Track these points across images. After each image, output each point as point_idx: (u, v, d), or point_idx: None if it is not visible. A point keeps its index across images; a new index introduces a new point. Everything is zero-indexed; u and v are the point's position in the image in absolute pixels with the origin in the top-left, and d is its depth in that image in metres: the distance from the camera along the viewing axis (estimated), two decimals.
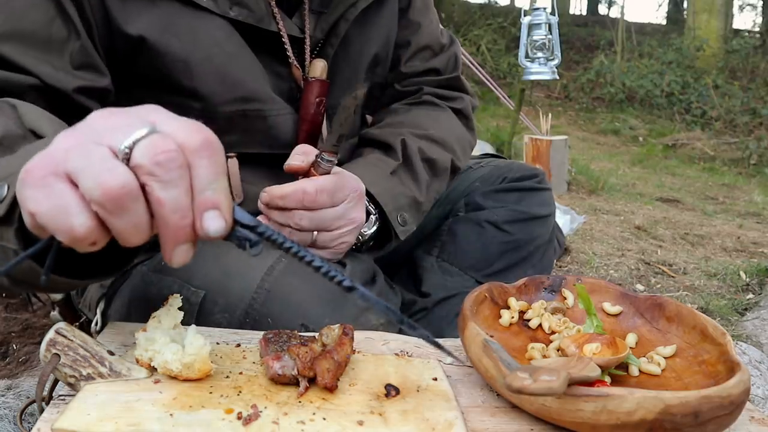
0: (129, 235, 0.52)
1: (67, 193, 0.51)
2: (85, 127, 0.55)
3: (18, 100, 0.79)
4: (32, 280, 0.64)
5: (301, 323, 0.86)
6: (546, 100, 9.46)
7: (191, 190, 0.53)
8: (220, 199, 0.53)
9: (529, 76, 3.39)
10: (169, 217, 0.52)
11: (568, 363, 0.64)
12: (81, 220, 0.51)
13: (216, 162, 0.53)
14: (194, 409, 0.59)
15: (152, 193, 0.51)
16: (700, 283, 2.66)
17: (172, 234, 0.53)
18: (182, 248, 0.54)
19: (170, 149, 0.51)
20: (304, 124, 1.05)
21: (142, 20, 0.90)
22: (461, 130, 1.26)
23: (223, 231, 0.54)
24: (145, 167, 0.51)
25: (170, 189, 0.51)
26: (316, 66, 1.05)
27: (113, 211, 0.51)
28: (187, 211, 0.52)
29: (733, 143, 7.78)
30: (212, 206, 0.53)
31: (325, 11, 1.06)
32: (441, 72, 1.27)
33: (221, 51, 0.95)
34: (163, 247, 0.54)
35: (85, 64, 0.88)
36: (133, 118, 0.53)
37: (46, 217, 0.51)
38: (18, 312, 1.82)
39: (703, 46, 10.28)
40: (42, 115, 0.78)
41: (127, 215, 0.51)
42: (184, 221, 0.52)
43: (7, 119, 0.75)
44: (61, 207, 0.51)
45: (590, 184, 4.72)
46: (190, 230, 0.53)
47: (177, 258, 0.54)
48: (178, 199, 0.52)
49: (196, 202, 0.53)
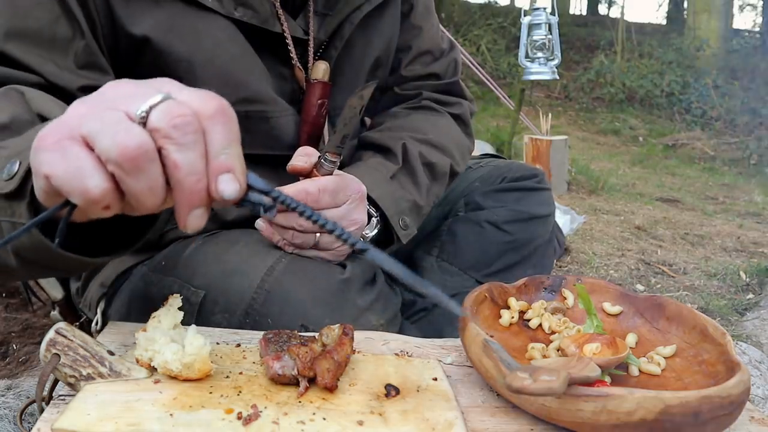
0: (144, 198, 0.53)
1: (82, 155, 0.51)
2: (98, 96, 0.55)
3: (25, 87, 0.79)
4: (42, 259, 0.65)
5: (301, 323, 0.86)
6: (546, 100, 9.45)
7: (206, 155, 0.53)
8: (234, 163, 0.54)
9: (529, 76, 3.39)
10: (185, 180, 0.53)
11: (568, 363, 0.64)
12: (96, 181, 0.51)
13: (230, 128, 0.55)
14: (194, 409, 0.59)
15: (168, 156, 0.52)
16: (700, 283, 2.66)
17: (187, 198, 0.53)
18: (197, 212, 0.55)
19: (186, 113, 0.52)
20: (305, 125, 1.05)
21: (147, 20, 0.90)
22: (460, 135, 1.26)
23: (237, 194, 0.54)
24: (161, 130, 0.51)
25: (186, 152, 0.52)
26: (319, 68, 1.05)
27: (130, 171, 0.51)
28: (202, 175, 0.53)
29: (733, 143, 7.78)
30: (227, 170, 0.54)
31: (330, 13, 1.06)
32: (441, 77, 1.27)
33: (225, 52, 0.95)
34: (178, 212, 0.55)
35: (89, 64, 0.88)
36: (146, 87, 0.54)
37: (61, 180, 0.52)
38: (18, 312, 1.82)
39: (703, 46, 10.27)
40: (49, 100, 0.79)
41: (143, 176, 0.52)
42: (200, 185, 0.53)
43: (15, 105, 0.76)
44: (77, 168, 0.51)
45: (590, 184, 4.72)
46: (204, 194, 0.54)
47: (192, 222, 0.55)
48: (193, 162, 0.52)
49: (210, 166, 0.53)
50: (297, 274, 0.89)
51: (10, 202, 0.62)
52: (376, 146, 1.15)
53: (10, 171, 0.62)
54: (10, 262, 0.68)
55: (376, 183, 1.03)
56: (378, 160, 1.10)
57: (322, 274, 0.91)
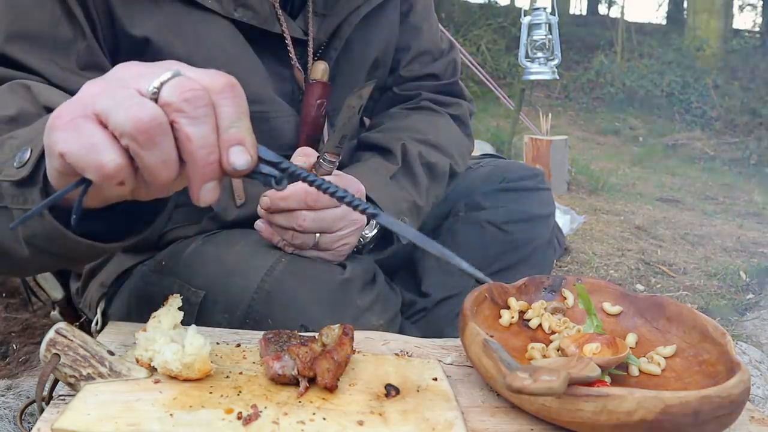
0: (158, 171, 0.53)
1: (96, 131, 0.53)
2: (110, 76, 0.57)
3: (31, 81, 0.80)
4: (54, 246, 0.65)
5: (301, 323, 0.86)
6: (546, 100, 9.45)
7: (216, 129, 0.54)
8: (244, 136, 0.55)
9: (529, 76, 3.39)
10: (197, 152, 0.53)
11: (568, 363, 0.64)
12: (111, 156, 0.52)
13: (239, 102, 0.56)
14: (194, 409, 0.59)
15: (181, 129, 0.53)
16: (700, 283, 2.66)
17: (200, 171, 0.54)
18: (209, 186, 0.56)
19: (197, 88, 0.53)
20: (305, 125, 1.05)
21: (146, 21, 0.90)
22: (459, 135, 1.26)
23: (248, 165, 0.55)
24: (173, 104, 0.53)
25: (198, 125, 0.53)
26: (318, 68, 1.05)
27: (144, 143, 0.52)
28: (214, 147, 0.54)
29: (733, 143, 7.78)
30: (237, 142, 0.55)
31: (329, 14, 1.07)
32: (440, 77, 1.27)
33: (224, 52, 0.95)
34: (191, 185, 0.56)
35: (90, 64, 0.89)
36: (156, 67, 0.56)
37: (75, 156, 0.53)
38: (18, 312, 1.82)
39: (703, 46, 10.27)
40: (56, 92, 0.79)
41: (157, 148, 0.52)
42: (212, 157, 0.54)
43: (22, 98, 0.77)
44: (91, 144, 0.52)
45: (590, 184, 4.72)
46: (217, 166, 0.55)
47: (204, 195, 0.56)
48: (205, 134, 0.54)
49: (221, 139, 0.55)
50: (297, 275, 0.89)
51: (23, 190, 0.63)
52: (376, 147, 1.15)
53: (21, 159, 0.63)
54: (22, 252, 0.68)
55: (375, 183, 1.03)
56: (377, 161, 1.10)
57: (322, 275, 0.91)
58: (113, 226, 0.69)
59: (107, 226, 0.68)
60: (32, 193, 0.63)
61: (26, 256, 0.69)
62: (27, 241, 0.66)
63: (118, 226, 0.70)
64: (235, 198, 1.03)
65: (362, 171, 1.05)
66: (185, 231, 1.02)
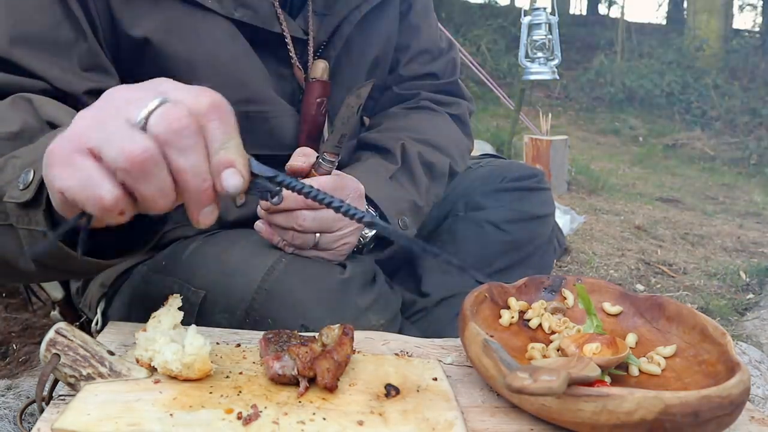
0: (155, 200, 0.55)
1: (91, 166, 0.54)
2: (100, 104, 0.57)
3: (33, 95, 0.80)
4: (61, 264, 0.67)
5: (301, 323, 0.86)
6: (546, 100, 9.45)
7: (207, 154, 0.55)
8: (234, 157, 0.56)
9: (529, 76, 3.39)
10: (191, 182, 0.55)
11: (568, 363, 0.64)
12: (108, 188, 0.53)
13: (226, 122, 0.56)
14: (194, 409, 0.59)
15: (173, 162, 0.54)
16: (700, 283, 2.66)
17: (195, 198, 0.55)
18: (207, 210, 0.57)
19: (182, 117, 0.54)
20: (305, 124, 1.05)
21: (147, 22, 0.90)
22: (459, 135, 1.26)
23: (240, 186, 0.56)
24: (161, 136, 0.53)
25: (188, 155, 0.54)
26: (318, 67, 1.05)
27: (138, 177, 0.53)
28: (206, 175, 0.55)
29: (733, 143, 7.78)
30: (228, 165, 0.56)
31: (329, 13, 1.07)
32: (439, 76, 1.27)
33: (225, 52, 0.95)
34: (189, 211, 0.57)
35: (93, 66, 0.89)
36: (143, 91, 0.56)
37: (74, 191, 0.54)
38: (18, 312, 1.82)
39: (703, 46, 10.27)
40: (58, 106, 0.79)
41: (152, 180, 0.53)
42: (205, 184, 0.55)
43: (24, 113, 0.77)
44: (88, 179, 0.53)
45: (590, 184, 4.72)
46: (211, 192, 0.56)
47: (203, 220, 0.57)
48: (196, 164, 0.54)
49: (212, 164, 0.55)
50: (297, 274, 0.89)
51: (27, 211, 0.65)
52: (375, 147, 1.15)
53: (25, 180, 0.64)
54: (29, 267, 0.70)
55: (375, 183, 1.03)
56: (377, 161, 1.10)
57: (322, 274, 0.91)
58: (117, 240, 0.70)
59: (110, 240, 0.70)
60: (36, 214, 0.64)
61: (32, 271, 0.71)
62: (33, 259, 0.68)
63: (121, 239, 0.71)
64: (235, 198, 1.03)
65: (361, 171, 1.05)
66: (185, 231, 1.02)
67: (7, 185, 0.66)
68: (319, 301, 0.88)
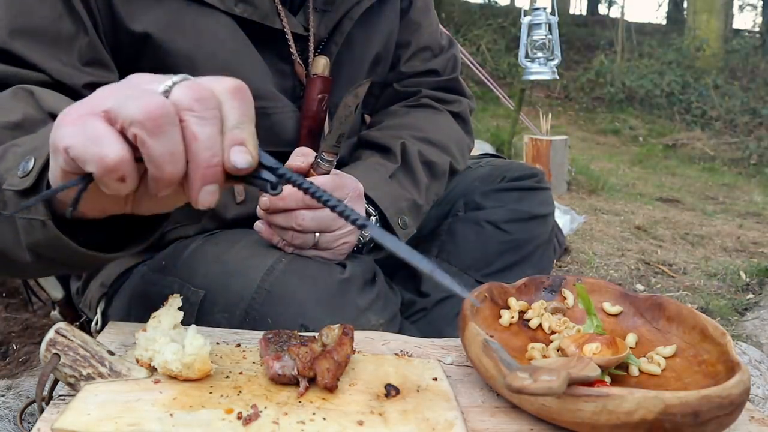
0: (164, 163, 0.53)
1: (102, 126, 0.53)
2: (122, 82, 0.57)
3: (35, 86, 0.80)
4: (57, 254, 0.66)
5: (301, 323, 0.86)
6: (546, 100, 9.45)
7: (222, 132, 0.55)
8: (247, 137, 0.56)
9: (529, 76, 3.39)
10: (202, 153, 0.54)
11: (568, 363, 0.64)
12: (113, 147, 0.52)
13: (246, 105, 0.56)
14: (194, 409, 0.59)
15: (188, 127, 0.53)
16: (700, 283, 2.66)
17: (201, 171, 0.54)
18: (209, 189, 0.56)
19: (204, 89, 0.54)
20: (306, 120, 1.05)
21: (147, 17, 0.90)
22: (459, 133, 1.26)
23: (249, 164, 0.55)
24: (183, 103, 0.53)
25: (206, 125, 0.54)
26: (318, 63, 1.06)
27: (152, 130, 0.52)
28: (218, 150, 0.55)
29: (733, 143, 7.78)
30: (240, 142, 0.55)
31: (329, 9, 1.07)
32: (440, 73, 1.27)
33: (226, 48, 0.96)
34: (191, 187, 0.56)
35: (93, 60, 0.89)
36: (163, 76, 0.56)
37: (78, 149, 0.53)
38: (18, 312, 1.82)
39: (703, 46, 10.27)
40: (60, 98, 0.80)
41: (164, 137, 0.53)
42: (215, 159, 0.54)
43: (26, 104, 0.77)
44: (95, 137, 0.53)
45: (590, 184, 4.72)
46: (219, 169, 0.55)
47: (203, 198, 0.56)
48: (211, 135, 0.54)
49: (225, 139, 0.55)
50: (297, 274, 0.89)
51: (26, 199, 0.63)
52: (375, 145, 1.15)
53: (25, 168, 0.63)
54: (25, 258, 0.68)
55: (374, 182, 1.03)
56: (376, 160, 1.10)
57: (322, 274, 0.91)
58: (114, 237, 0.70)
59: (108, 237, 0.69)
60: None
61: (29, 263, 0.69)
62: (30, 249, 0.67)
63: (118, 236, 0.70)
64: (234, 194, 1.03)
65: (361, 170, 1.05)
66: (185, 231, 1.03)
67: (6, 173, 0.66)
68: (318, 301, 0.88)
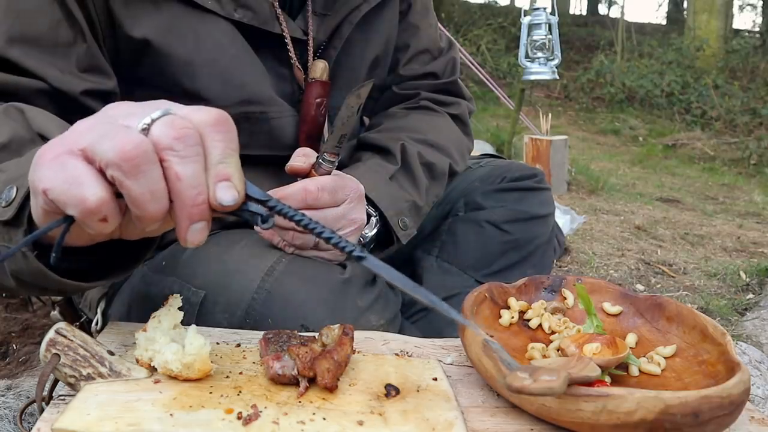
0: (146, 203, 0.52)
1: (80, 166, 0.52)
2: (98, 115, 0.56)
3: (25, 105, 0.80)
4: (39, 282, 0.65)
5: (301, 323, 0.86)
6: (546, 100, 9.45)
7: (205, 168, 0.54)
8: (232, 172, 0.55)
9: (529, 76, 3.39)
10: (187, 192, 0.53)
11: (568, 363, 0.64)
12: (93, 189, 0.51)
13: (229, 138, 0.55)
14: (194, 409, 0.59)
15: (171, 167, 0.52)
16: (700, 283, 2.66)
17: (188, 210, 0.53)
18: (197, 227, 0.54)
19: (188, 126, 0.53)
20: (304, 124, 1.05)
21: (146, 23, 0.90)
22: (458, 135, 1.26)
23: (235, 200, 0.54)
24: (163, 142, 0.52)
25: (188, 164, 0.52)
26: (317, 67, 1.06)
27: (129, 172, 0.51)
28: (203, 187, 0.53)
29: (733, 143, 7.78)
30: (225, 178, 0.54)
31: (329, 14, 1.07)
32: (439, 76, 1.27)
33: (225, 53, 0.95)
34: (179, 226, 0.55)
35: (91, 67, 0.89)
36: (146, 106, 0.55)
37: (57, 191, 0.52)
38: (18, 312, 1.82)
39: (703, 46, 10.27)
40: (50, 119, 0.79)
41: (143, 178, 0.51)
42: (201, 197, 0.53)
43: (15, 123, 0.76)
44: (74, 178, 0.51)
45: (590, 184, 4.72)
46: (206, 207, 0.54)
47: (192, 237, 0.55)
48: (195, 174, 0.53)
49: (209, 175, 0.54)
50: (297, 274, 0.89)
51: (8, 229, 0.63)
52: (375, 147, 1.15)
53: (8, 197, 0.62)
54: (9, 284, 0.68)
55: (374, 184, 1.03)
56: (377, 161, 1.10)
57: (323, 275, 0.91)
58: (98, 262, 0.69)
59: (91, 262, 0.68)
60: (17, 233, 0.62)
61: (14, 287, 0.69)
62: (13, 276, 0.66)
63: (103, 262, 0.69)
64: None
65: (361, 171, 1.05)
66: None
67: None
68: (319, 301, 0.88)
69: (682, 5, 14.93)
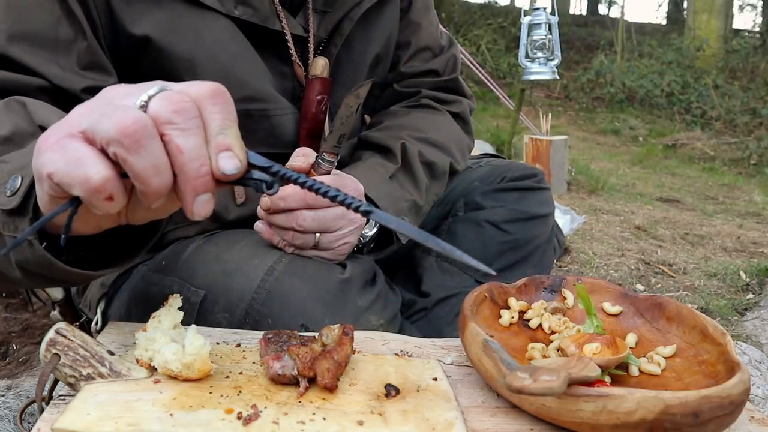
0: (149, 177, 0.52)
1: (82, 147, 0.52)
2: (96, 98, 0.56)
3: (27, 98, 0.80)
4: (45, 272, 0.65)
5: (302, 323, 0.86)
6: (546, 100, 9.45)
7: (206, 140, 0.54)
8: (233, 142, 0.55)
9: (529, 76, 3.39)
10: (190, 165, 0.53)
11: (568, 363, 0.64)
12: (96, 168, 0.52)
13: (227, 110, 0.55)
14: (194, 409, 0.59)
15: (171, 141, 0.52)
16: (700, 283, 2.66)
17: (192, 183, 0.54)
18: (203, 199, 0.55)
19: (185, 100, 0.53)
20: (305, 122, 1.05)
21: (147, 20, 0.90)
22: (459, 133, 1.26)
23: (238, 169, 0.55)
24: (162, 117, 0.52)
25: (189, 136, 0.53)
26: (318, 64, 1.06)
27: (130, 147, 0.51)
28: (205, 159, 0.54)
29: (733, 143, 7.78)
30: (226, 148, 0.54)
31: (329, 10, 1.07)
32: (440, 73, 1.27)
33: (225, 50, 0.96)
34: (185, 199, 0.55)
35: (92, 64, 0.89)
36: (141, 86, 0.55)
37: (62, 173, 0.52)
38: (18, 312, 1.82)
39: (703, 46, 10.27)
40: (51, 111, 0.79)
41: (145, 152, 0.51)
42: (204, 168, 0.54)
43: (17, 116, 0.76)
44: (77, 159, 0.52)
45: (590, 184, 4.72)
46: (209, 178, 0.54)
47: (199, 209, 0.55)
48: (196, 145, 0.53)
49: (210, 146, 0.54)
50: (297, 274, 0.89)
51: (13, 218, 0.63)
52: (375, 146, 1.15)
53: (12, 187, 0.63)
54: (15, 274, 0.68)
55: (375, 183, 1.03)
56: (377, 160, 1.10)
57: (322, 274, 0.91)
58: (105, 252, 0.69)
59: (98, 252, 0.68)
60: (23, 222, 0.63)
61: (19, 278, 0.69)
62: (19, 266, 0.67)
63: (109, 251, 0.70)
64: (235, 196, 1.03)
65: (361, 170, 1.05)
66: (185, 231, 1.03)
67: None
68: (318, 301, 0.88)
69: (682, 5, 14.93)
